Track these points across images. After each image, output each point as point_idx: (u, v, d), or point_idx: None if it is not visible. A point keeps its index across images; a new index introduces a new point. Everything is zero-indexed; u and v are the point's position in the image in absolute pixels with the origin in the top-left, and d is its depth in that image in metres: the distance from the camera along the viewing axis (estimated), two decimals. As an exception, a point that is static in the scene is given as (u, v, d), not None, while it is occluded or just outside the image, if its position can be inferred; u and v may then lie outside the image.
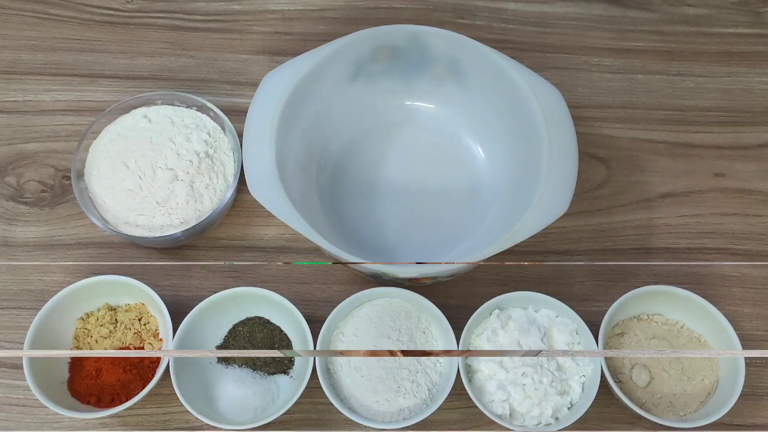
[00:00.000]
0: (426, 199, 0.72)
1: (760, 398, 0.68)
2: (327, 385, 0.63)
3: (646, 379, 0.65)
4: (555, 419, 0.63)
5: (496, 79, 0.68)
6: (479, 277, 0.72)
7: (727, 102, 0.81)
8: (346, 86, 0.72)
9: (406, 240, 0.71)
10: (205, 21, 0.84)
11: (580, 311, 0.65)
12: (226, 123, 0.72)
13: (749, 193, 0.76)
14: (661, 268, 0.72)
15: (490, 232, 0.68)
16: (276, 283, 0.71)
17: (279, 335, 0.67)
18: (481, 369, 0.64)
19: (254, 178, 0.61)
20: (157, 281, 0.70)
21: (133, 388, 0.64)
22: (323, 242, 0.59)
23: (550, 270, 0.72)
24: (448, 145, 0.75)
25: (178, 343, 0.64)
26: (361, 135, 0.75)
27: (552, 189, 0.62)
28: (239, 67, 0.82)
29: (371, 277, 0.68)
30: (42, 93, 0.79)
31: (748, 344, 0.66)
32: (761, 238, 0.74)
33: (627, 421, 0.66)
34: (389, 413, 0.63)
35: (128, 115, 0.73)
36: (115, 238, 0.72)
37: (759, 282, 0.72)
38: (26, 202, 0.74)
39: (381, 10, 0.86)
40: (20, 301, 0.70)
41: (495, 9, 0.86)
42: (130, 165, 0.70)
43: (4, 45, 0.82)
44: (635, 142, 0.79)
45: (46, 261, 0.72)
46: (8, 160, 0.76)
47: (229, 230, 0.73)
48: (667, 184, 0.77)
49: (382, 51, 0.70)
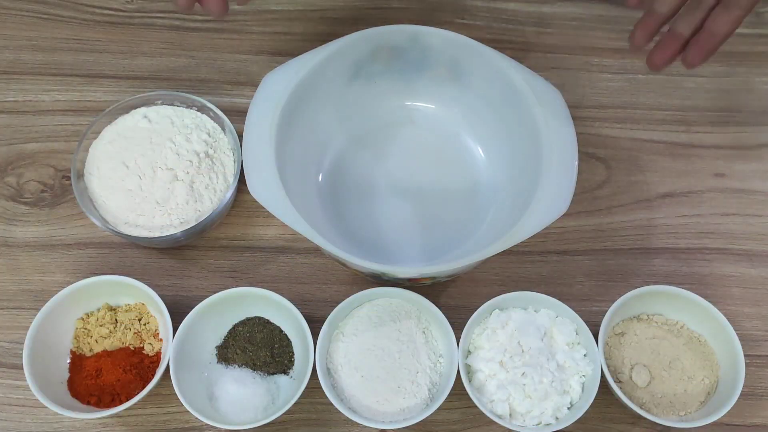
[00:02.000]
0: (426, 199, 0.72)
1: (760, 398, 0.68)
2: (327, 385, 0.63)
3: (646, 379, 0.65)
4: (555, 419, 0.63)
5: (496, 79, 0.68)
6: (479, 277, 0.72)
7: (727, 102, 0.81)
8: (346, 86, 0.72)
9: (406, 240, 0.71)
10: (205, 21, 0.84)
11: (580, 311, 0.65)
12: (226, 123, 0.72)
13: (749, 193, 0.76)
14: (661, 268, 0.72)
15: (490, 232, 0.68)
16: (276, 283, 0.71)
17: (279, 335, 0.67)
18: (481, 369, 0.64)
19: (254, 178, 0.61)
20: (157, 281, 0.70)
21: (133, 388, 0.64)
22: (323, 242, 0.59)
23: (550, 270, 0.72)
24: (448, 145, 0.75)
25: (178, 343, 0.64)
26: (361, 135, 0.75)
27: (552, 189, 0.61)
28: (239, 67, 0.82)
29: (371, 277, 0.68)
30: (42, 93, 0.79)
31: (748, 344, 0.66)
32: (761, 238, 0.74)
33: (627, 421, 0.66)
34: (389, 413, 0.63)
35: (128, 115, 0.73)
36: (115, 238, 0.72)
37: (759, 282, 0.72)
38: (26, 202, 0.74)
39: (381, 10, 0.86)
40: (20, 301, 0.70)
41: (495, 9, 0.86)
42: (130, 165, 0.70)
43: (4, 45, 0.82)
44: (635, 142, 0.79)
45: (46, 261, 0.72)
46: (8, 160, 0.76)
47: (229, 230, 0.73)
48: (667, 184, 0.77)
49: (382, 51, 0.70)
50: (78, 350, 0.66)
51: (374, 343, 0.65)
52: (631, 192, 0.76)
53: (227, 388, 0.64)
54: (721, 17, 0.62)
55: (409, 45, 0.70)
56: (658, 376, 0.65)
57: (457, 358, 0.63)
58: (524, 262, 0.72)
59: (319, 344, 0.64)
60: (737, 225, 0.75)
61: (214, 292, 0.66)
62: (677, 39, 0.64)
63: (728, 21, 0.62)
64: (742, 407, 0.66)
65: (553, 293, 0.66)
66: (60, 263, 0.71)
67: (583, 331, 0.65)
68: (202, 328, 0.66)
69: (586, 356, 0.64)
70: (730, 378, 0.64)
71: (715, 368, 0.66)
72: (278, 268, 0.72)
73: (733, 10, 0.62)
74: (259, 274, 0.71)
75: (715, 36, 0.63)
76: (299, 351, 0.66)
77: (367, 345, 0.65)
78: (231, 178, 0.71)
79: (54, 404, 0.61)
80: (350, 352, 0.65)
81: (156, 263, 0.72)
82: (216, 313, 0.66)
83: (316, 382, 0.63)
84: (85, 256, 0.72)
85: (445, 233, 0.71)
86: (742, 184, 0.77)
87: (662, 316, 0.68)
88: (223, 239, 0.73)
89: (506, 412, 0.62)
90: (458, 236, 0.70)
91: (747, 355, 0.64)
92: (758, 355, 0.69)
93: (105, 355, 0.65)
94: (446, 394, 0.62)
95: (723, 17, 0.62)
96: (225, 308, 0.67)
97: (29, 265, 0.71)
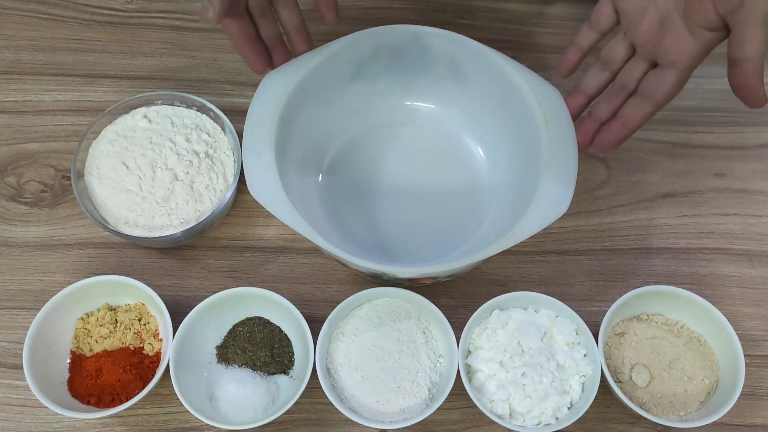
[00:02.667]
0: (426, 199, 0.72)
1: (760, 398, 0.68)
2: (327, 385, 0.63)
3: (646, 379, 0.65)
4: (555, 419, 0.63)
5: (496, 79, 0.68)
6: (479, 277, 0.72)
7: (727, 102, 0.81)
8: (346, 86, 0.72)
9: (406, 240, 0.71)
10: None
11: (580, 311, 0.65)
12: (226, 123, 0.72)
13: (749, 193, 0.76)
14: (661, 268, 0.73)
15: (490, 232, 0.68)
16: (276, 283, 0.71)
17: (279, 335, 0.67)
18: (481, 369, 0.64)
19: (254, 178, 0.61)
20: (157, 281, 0.70)
21: (133, 388, 0.64)
22: (323, 242, 0.59)
23: (550, 270, 0.72)
24: (448, 145, 0.75)
25: (178, 343, 0.64)
26: (361, 135, 0.75)
27: (552, 189, 0.62)
28: (239, 67, 0.82)
29: (371, 277, 0.68)
30: (42, 93, 0.79)
31: (748, 344, 0.66)
32: (761, 238, 0.74)
33: (627, 421, 0.66)
34: (389, 413, 0.63)
35: (128, 115, 0.73)
36: (115, 238, 0.72)
37: (759, 282, 0.72)
38: (26, 202, 0.74)
39: (381, 10, 0.86)
40: (20, 301, 0.70)
41: (495, 9, 0.86)
42: (130, 165, 0.70)
43: (4, 45, 0.82)
44: (635, 142, 0.78)
45: (46, 261, 0.72)
46: (8, 160, 0.76)
47: (229, 230, 0.73)
48: (667, 184, 0.77)
49: (382, 51, 0.70)
50: (78, 350, 0.66)
51: (374, 343, 0.65)
52: (631, 192, 0.76)
53: (227, 388, 0.64)
54: (634, 108, 0.63)
55: (409, 45, 0.70)
56: (658, 376, 0.65)
57: (457, 358, 0.63)
58: (524, 262, 0.73)
59: (319, 344, 0.64)
60: (737, 225, 0.75)
61: (214, 292, 0.66)
62: (595, 121, 0.65)
63: (640, 113, 0.63)
64: (742, 407, 0.66)
65: (553, 293, 0.66)
66: (60, 263, 0.71)
67: (583, 331, 0.65)
68: (202, 328, 0.66)
69: (586, 356, 0.64)
70: (730, 378, 0.64)
71: (715, 368, 0.66)
72: (278, 268, 0.72)
73: (646, 103, 0.62)
74: (259, 274, 0.72)
75: (626, 126, 0.63)
76: (299, 351, 0.66)
77: (367, 345, 0.65)
78: (231, 178, 0.71)
79: (54, 404, 0.61)
80: (350, 352, 0.65)
81: (156, 263, 0.72)
82: (216, 313, 0.66)
83: (316, 382, 0.63)
84: (85, 256, 0.72)
85: (445, 233, 0.71)
86: (742, 184, 0.77)
87: (662, 316, 0.68)
88: (223, 239, 0.73)
89: (506, 412, 0.62)
90: (458, 236, 0.70)
91: (747, 355, 0.64)
92: (758, 355, 0.69)
93: (105, 355, 0.65)
94: (446, 394, 0.62)
95: (636, 108, 0.63)
96: (225, 308, 0.67)
97: (29, 265, 0.71)
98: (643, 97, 0.63)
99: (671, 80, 0.61)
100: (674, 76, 0.61)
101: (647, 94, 0.62)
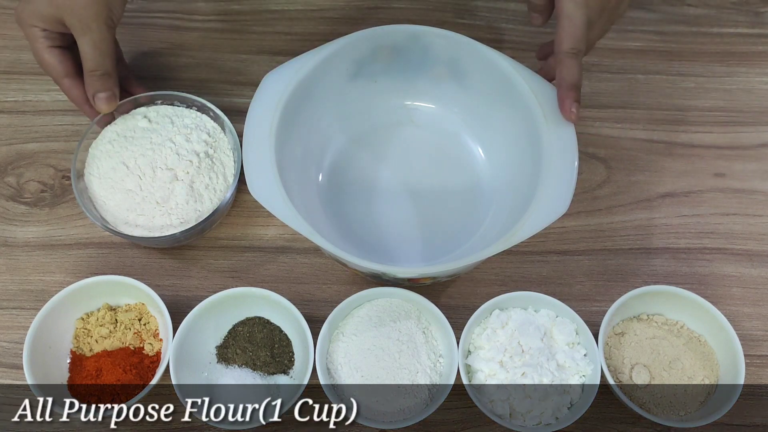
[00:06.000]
0: (426, 199, 0.72)
1: (760, 398, 0.68)
2: (327, 385, 0.63)
3: (646, 379, 0.65)
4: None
5: (496, 79, 0.68)
6: (479, 277, 0.72)
7: (727, 102, 0.81)
8: (347, 86, 0.72)
9: (406, 240, 0.71)
10: (205, 21, 0.84)
11: (580, 311, 0.65)
12: (226, 123, 0.72)
13: (749, 193, 0.76)
14: (661, 268, 0.72)
15: (490, 232, 0.68)
16: (276, 283, 0.71)
17: (279, 335, 0.67)
18: (481, 369, 0.64)
19: (254, 178, 0.61)
20: (157, 281, 0.70)
21: (133, 388, 0.64)
22: (323, 242, 0.59)
23: (550, 270, 0.72)
24: (448, 145, 0.75)
25: (178, 343, 0.64)
26: (361, 135, 0.75)
27: (552, 189, 0.62)
28: (239, 67, 0.82)
29: (371, 277, 0.68)
30: (42, 93, 0.79)
31: (748, 344, 0.66)
32: (761, 238, 0.74)
33: (627, 421, 0.66)
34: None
35: (128, 115, 0.73)
36: (115, 238, 0.72)
37: (759, 282, 0.72)
38: (26, 202, 0.74)
39: (381, 10, 0.86)
40: (20, 301, 0.70)
41: (495, 9, 0.86)
42: (130, 165, 0.70)
43: (4, 45, 0.82)
44: (635, 142, 0.79)
45: (46, 261, 0.72)
46: (8, 160, 0.76)
47: (228, 230, 0.73)
48: (667, 184, 0.77)
49: (383, 51, 0.70)
50: (78, 350, 0.66)
51: (374, 343, 0.65)
52: (631, 192, 0.76)
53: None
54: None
55: (410, 45, 0.70)
56: (658, 376, 0.65)
57: (457, 358, 0.63)
58: (524, 262, 0.72)
59: (319, 344, 0.64)
60: (737, 225, 0.75)
61: (214, 292, 0.66)
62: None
63: (568, 68, 0.63)
64: (742, 407, 0.66)
65: (553, 293, 0.66)
66: (60, 263, 0.71)
67: (583, 331, 0.65)
68: (202, 328, 0.66)
69: (586, 356, 0.64)
70: (730, 378, 0.64)
71: (715, 368, 0.66)
72: (278, 268, 0.72)
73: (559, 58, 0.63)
74: (259, 274, 0.71)
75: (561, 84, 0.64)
76: (299, 351, 0.66)
77: (367, 345, 0.65)
78: (231, 178, 0.71)
79: (54, 404, 0.61)
80: (350, 352, 0.65)
81: (156, 263, 0.72)
82: (216, 313, 0.66)
83: (316, 382, 0.63)
84: (85, 256, 0.72)
85: (445, 233, 0.71)
86: (742, 184, 0.77)
87: (662, 316, 0.68)
88: (223, 239, 0.73)
89: (506, 412, 0.62)
90: (458, 236, 0.70)
91: (747, 355, 0.64)
92: (758, 355, 0.69)
93: (105, 355, 0.65)
94: (446, 394, 0.62)
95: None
96: (225, 308, 0.67)
97: (29, 265, 0.71)
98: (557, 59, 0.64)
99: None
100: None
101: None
